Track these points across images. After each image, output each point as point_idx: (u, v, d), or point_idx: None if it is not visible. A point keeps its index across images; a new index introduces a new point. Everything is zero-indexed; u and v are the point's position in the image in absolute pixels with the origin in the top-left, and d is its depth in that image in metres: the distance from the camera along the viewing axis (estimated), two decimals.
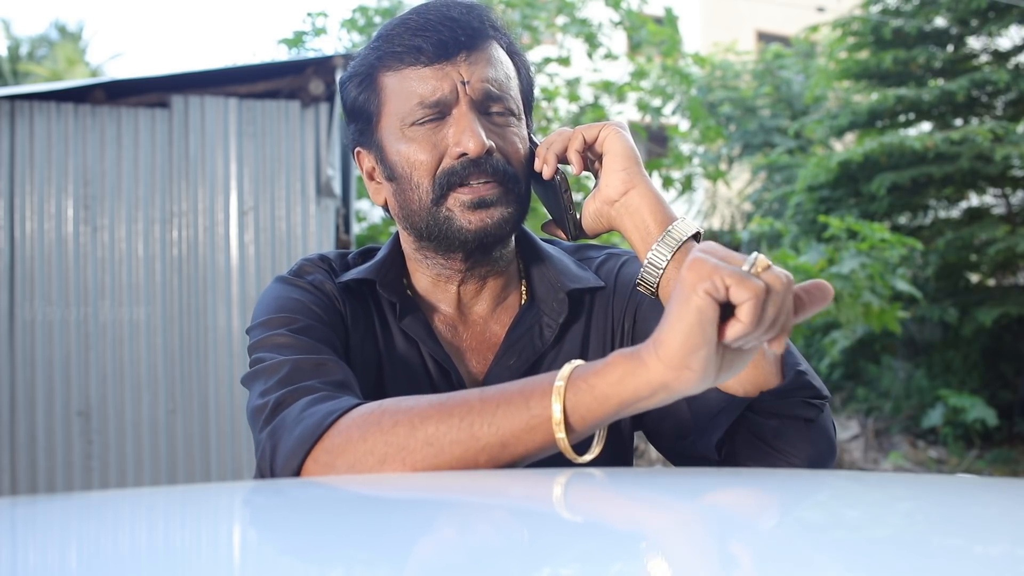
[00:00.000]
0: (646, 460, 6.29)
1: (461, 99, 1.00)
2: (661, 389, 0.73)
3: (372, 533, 0.56)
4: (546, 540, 0.56)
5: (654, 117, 8.02)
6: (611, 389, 0.74)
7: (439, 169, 1.01)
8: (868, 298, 5.88)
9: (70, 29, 20.38)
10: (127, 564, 0.51)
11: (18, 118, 4.00)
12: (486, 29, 1.04)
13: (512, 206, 1.03)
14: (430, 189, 1.01)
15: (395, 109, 1.03)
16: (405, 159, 1.02)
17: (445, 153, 1.01)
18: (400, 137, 1.02)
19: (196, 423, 4.07)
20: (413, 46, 1.01)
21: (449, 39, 1.00)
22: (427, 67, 1.01)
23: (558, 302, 1.09)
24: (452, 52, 1.01)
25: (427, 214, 1.02)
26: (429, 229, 1.03)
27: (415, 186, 1.02)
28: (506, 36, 1.08)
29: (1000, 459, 7.48)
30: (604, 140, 1.02)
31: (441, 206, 1.01)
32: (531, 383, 0.79)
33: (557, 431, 0.76)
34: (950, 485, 0.81)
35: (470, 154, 0.99)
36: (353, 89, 1.07)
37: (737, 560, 0.50)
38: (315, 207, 4.16)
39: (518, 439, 0.78)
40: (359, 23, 7.31)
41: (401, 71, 1.02)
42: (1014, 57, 8.99)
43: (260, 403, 0.92)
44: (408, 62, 1.01)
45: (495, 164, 1.00)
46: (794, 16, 15.06)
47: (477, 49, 1.02)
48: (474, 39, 1.02)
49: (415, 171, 1.02)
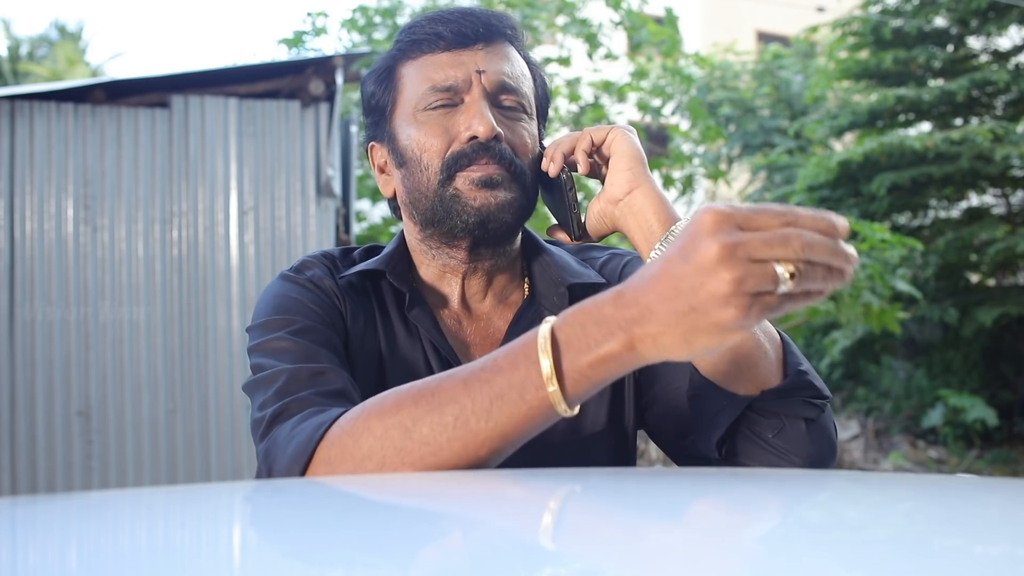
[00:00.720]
0: (646, 460, 6.29)
1: (475, 87, 1.03)
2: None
3: (372, 533, 0.56)
4: (546, 540, 0.56)
5: (654, 117, 8.03)
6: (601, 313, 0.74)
7: (449, 152, 1.03)
8: (868, 298, 5.88)
9: (70, 29, 20.39)
10: (127, 564, 0.51)
11: (18, 118, 4.00)
12: (504, 29, 1.08)
13: (516, 192, 1.04)
14: (439, 170, 1.03)
15: (409, 96, 1.06)
16: (416, 142, 1.04)
17: (456, 138, 1.03)
18: (412, 122, 1.05)
19: (196, 423, 4.07)
20: (433, 33, 1.05)
21: (468, 29, 1.04)
22: (444, 53, 1.04)
23: (559, 296, 1.10)
24: (470, 41, 1.04)
25: (434, 195, 1.03)
26: (434, 210, 1.04)
27: (424, 167, 1.04)
28: (521, 42, 1.11)
29: (1000, 459, 7.49)
30: (612, 142, 1.03)
31: (448, 186, 1.02)
32: (515, 353, 0.77)
33: (549, 384, 0.74)
34: (950, 485, 0.81)
35: (480, 137, 1.01)
36: (372, 85, 1.10)
37: (737, 560, 0.50)
38: (315, 207, 4.16)
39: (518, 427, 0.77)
40: (359, 23, 7.31)
41: (419, 59, 1.06)
42: (1014, 57, 8.99)
43: (258, 416, 0.93)
44: (426, 49, 1.05)
45: (503, 151, 1.02)
46: (794, 16, 15.07)
47: (494, 43, 1.06)
48: (492, 34, 1.06)
49: (425, 153, 1.03)
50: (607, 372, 0.74)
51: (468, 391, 0.78)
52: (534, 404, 0.76)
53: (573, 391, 0.75)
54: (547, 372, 0.74)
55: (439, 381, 0.81)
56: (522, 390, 0.76)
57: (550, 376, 0.74)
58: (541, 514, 0.65)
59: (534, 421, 0.77)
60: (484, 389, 0.78)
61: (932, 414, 8.04)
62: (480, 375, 0.79)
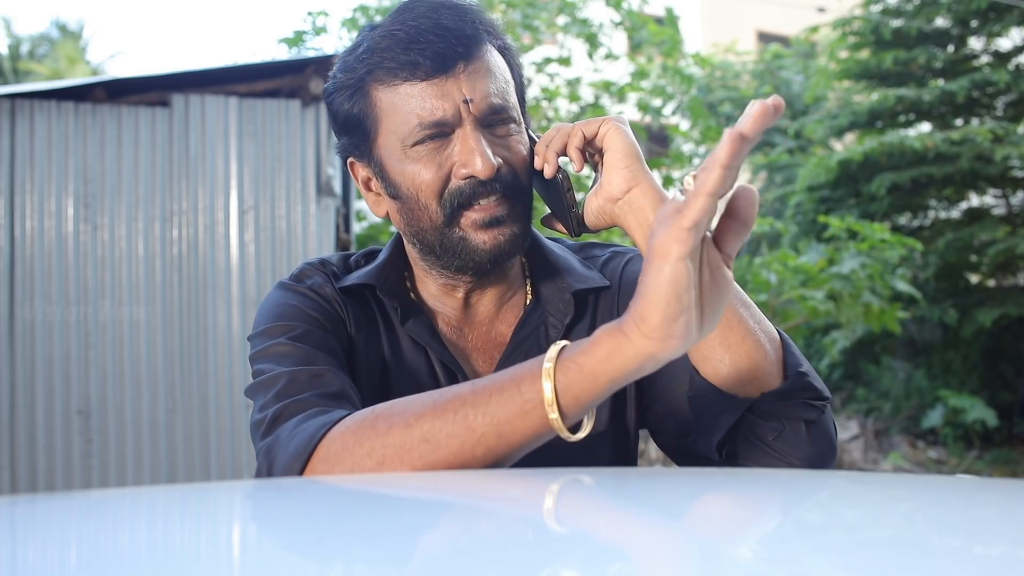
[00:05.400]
0: (646, 460, 6.29)
1: (465, 119, 0.98)
2: (648, 360, 0.73)
3: (373, 532, 0.56)
4: (547, 540, 0.56)
5: (654, 117, 8.02)
6: (600, 367, 0.74)
7: (446, 190, 0.99)
8: (868, 298, 5.88)
9: (70, 28, 20.39)
10: (127, 564, 0.51)
11: (18, 117, 4.00)
12: (480, 34, 1.01)
13: (521, 220, 1.02)
14: (439, 210, 1.00)
15: (394, 128, 1.00)
16: (410, 180, 1.00)
17: (451, 173, 0.99)
18: (402, 158, 1.00)
19: (196, 422, 4.07)
20: (408, 61, 0.97)
21: (446, 50, 0.97)
22: (425, 82, 0.97)
23: (564, 303, 1.09)
24: (450, 64, 0.97)
25: (440, 235, 1.01)
26: (443, 247, 1.02)
27: (423, 207, 1.01)
28: (498, 35, 1.05)
29: (1000, 459, 7.49)
30: (604, 136, 1.00)
31: (454, 227, 1.00)
32: (521, 369, 0.79)
33: (550, 412, 0.76)
34: (950, 485, 0.81)
35: (479, 176, 0.97)
36: (344, 101, 1.03)
37: (737, 561, 0.50)
38: (315, 206, 4.16)
39: (513, 426, 0.78)
40: (359, 22, 7.31)
41: (396, 87, 0.99)
42: (1014, 58, 8.99)
43: (259, 417, 0.93)
44: (404, 77, 0.98)
45: (503, 180, 1.00)
46: (794, 16, 15.06)
47: (474, 58, 0.99)
48: (470, 48, 0.98)
49: (421, 192, 1.00)
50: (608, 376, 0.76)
51: (473, 389, 0.80)
52: (529, 396, 0.77)
53: (571, 410, 0.77)
54: (549, 398, 0.76)
55: (451, 388, 0.83)
56: (521, 383, 0.78)
57: (551, 382, 0.76)
58: (542, 513, 0.65)
59: (528, 416, 0.78)
60: (487, 387, 0.80)
61: (932, 415, 8.04)
62: (487, 380, 0.81)
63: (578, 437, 0.80)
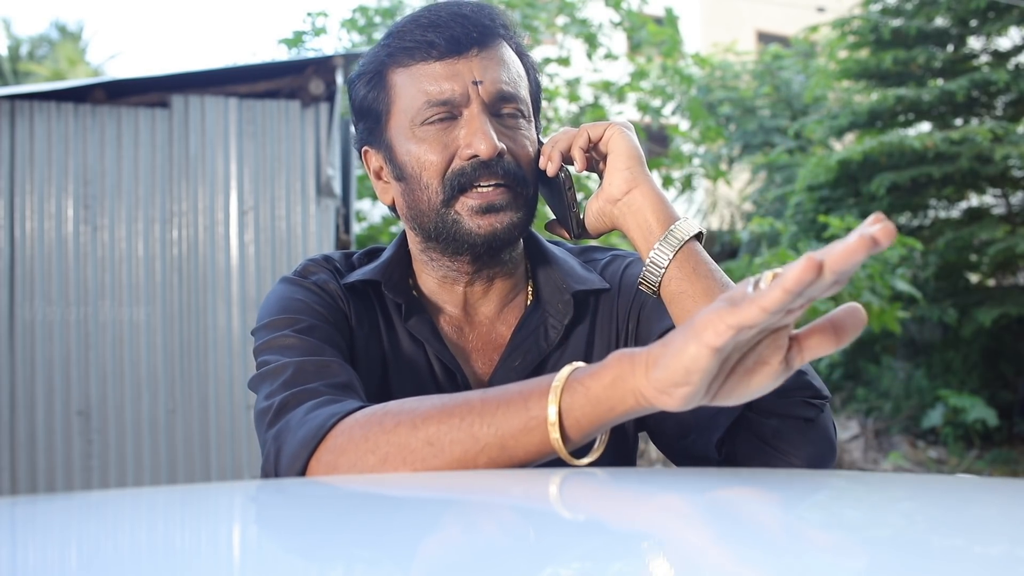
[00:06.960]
0: (646, 460, 6.29)
1: (473, 100, 1.00)
2: (642, 399, 0.72)
3: (374, 532, 0.56)
4: (547, 540, 0.56)
5: (654, 117, 8.03)
6: (604, 392, 0.73)
7: (449, 170, 1.00)
8: (868, 298, 5.88)
9: (70, 29, 20.39)
10: (127, 564, 0.51)
11: (18, 118, 4.00)
12: (497, 28, 1.04)
13: (521, 210, 1.03)
14: (440, 190, 1.01)
15: (405, 107, 1.02)
16: (415, 159, 1.01)
17: (455, 154, 1.00)
18: (410, 136, 1.02)
19: (196, 423, 4.08)
20: (425, 41, 1.00)
21: (461, 35, 1.00)
22: (438, 62, 1.00)
23: (563, 303, 1.09)
24: (464, 48, 1.00)
25: (436, 215, 1.02)
26: (438, 230, 1.02)
27: (424, 186, 1.02)
28: (515, 37, 1.07)
29: (1000, 459, 7.48)
30: (609, 139, 1.02)
31: (450, 208, 1.01)
32: (531, 384, 0.79)
33: (552, 432, 0.75)
34: (950, 485, 0.81)
35: (481, 156, 0.98)
36: (362, 88, 1.06)
37: (737, 561, 0.50)
38: (315, 207, 4.17)
39: (516, 440, 0.77)
40: (359, 23, 7.31)
41: (411, 67, 1.01)
42: (1014, 57, 8.98)
43: (265, 405, 0.93)
44: (419, 57, 1.01)
45: (506, 166, 1.00)
46: (794, 16, 15.06)
47: (489, 47, 1.02)
48: (486, 36, 1.02)
49: (425, 171, 1.01)
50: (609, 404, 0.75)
51: (482, 398, 0.80)
52: (535, 414, 0.76)
53: (575, 431, 0.77)
54: (552, 419, 0.75)
55: (462, 394, 0.82)
56: (528, 399, 0.77)
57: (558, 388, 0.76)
58: (542, 513, 0.65)
59: (532, 433, 0.77)
60: (496, 397, 0.79)
61: (932, 414, 8.04)
62: (498, 391, 0.80)
63: (581, 463, 0.78)
